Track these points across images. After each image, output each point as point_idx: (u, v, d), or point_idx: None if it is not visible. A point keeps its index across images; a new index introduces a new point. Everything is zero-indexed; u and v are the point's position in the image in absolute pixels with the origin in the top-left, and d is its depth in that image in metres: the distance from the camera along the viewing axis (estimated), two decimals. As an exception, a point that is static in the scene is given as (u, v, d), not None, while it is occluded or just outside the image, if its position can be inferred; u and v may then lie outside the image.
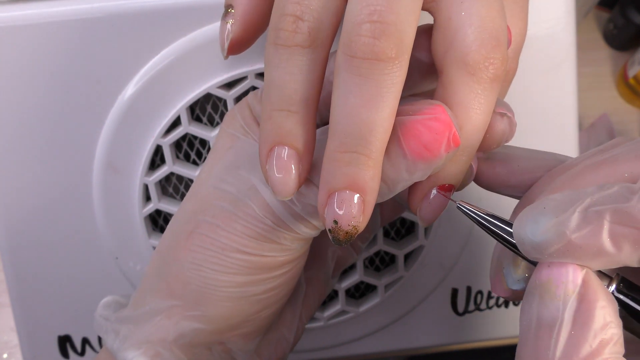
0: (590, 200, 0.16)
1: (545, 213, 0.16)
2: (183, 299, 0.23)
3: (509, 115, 0.20)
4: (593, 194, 0.16)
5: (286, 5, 0.18)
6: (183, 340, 0.24)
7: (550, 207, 0.16)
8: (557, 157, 0.21)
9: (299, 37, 0.18)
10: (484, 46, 0.18)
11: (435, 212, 0.21)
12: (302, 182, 0.19)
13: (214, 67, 0.29)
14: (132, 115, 0.30)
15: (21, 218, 0.32)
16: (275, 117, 0.19)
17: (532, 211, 0.17)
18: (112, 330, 0.25)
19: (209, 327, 0.24)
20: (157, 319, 0.24)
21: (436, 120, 0.18)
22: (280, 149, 0.19)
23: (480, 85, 0.18)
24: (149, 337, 0.24)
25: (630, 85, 0.66)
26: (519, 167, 0.21)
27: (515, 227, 0.17)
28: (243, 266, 0.22)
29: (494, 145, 0.21)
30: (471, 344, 0.37)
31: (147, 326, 0.24)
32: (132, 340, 0.24)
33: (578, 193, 0.16)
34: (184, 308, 0.24)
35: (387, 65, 0.17)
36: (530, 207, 0.17)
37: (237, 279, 0.23)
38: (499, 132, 0.20)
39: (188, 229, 0.23)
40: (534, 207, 0.17)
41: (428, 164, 0.18)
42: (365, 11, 0.17)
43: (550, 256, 0.16)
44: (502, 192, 0.22)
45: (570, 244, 0.16)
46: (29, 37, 0.29)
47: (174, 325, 0.24)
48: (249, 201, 0.22)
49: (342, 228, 0.18)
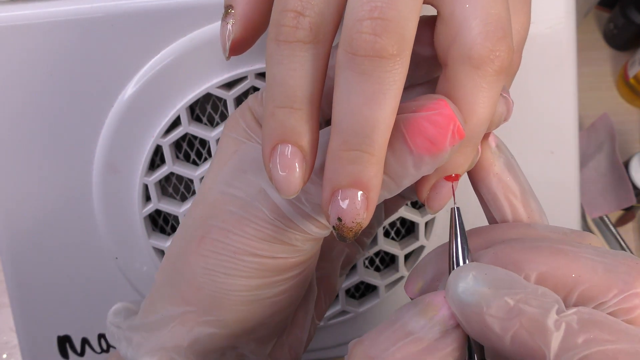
0: (522, 296, 0.17)
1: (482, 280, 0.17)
2: (196, 304, 0.23)
3: (504, 95, 0.20)
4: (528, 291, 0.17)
5: (287, 0, 0.18)
6: (197, 346, 0.24)
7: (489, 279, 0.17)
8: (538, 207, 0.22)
9: (301, 33, 0.18)
10: (490, 39, 0.18)
11: (443, 201, 0.21)
12: (306, 180, 0.19)
13: (213, 67, 0.29)
14: (132, 115, 0.30)
15: (21, 218, 0.32)
16: (278, 115, 0.18)
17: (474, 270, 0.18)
18: (125, 338, 0.25)
19: (223, 332, 0.24)
20: (171, 325, 0.24)
21: (440, 115, 0.18)
22: (284, 147, 0.18)
23: (485, 79, 0.18)
24: (163, 344, 0.24)
25: (631, 85, 0.66)
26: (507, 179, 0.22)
27: (454, 272, 0.18)
28: (256, 269, 0.22)
29: (493, 126, 0.21)
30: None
31: (161, 333, 0.24)
32: (146, 348, 0.24)
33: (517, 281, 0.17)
34: (198, 314, 0.23)
35: (388, 62, 0.17)
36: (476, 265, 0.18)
37: (250, 283, 0.22)
38: (497, 114, 0.20)
39: (198, 234, 0.23)
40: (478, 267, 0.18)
41: (434, 158, 0.18)
42: (366, 7, 0.17)
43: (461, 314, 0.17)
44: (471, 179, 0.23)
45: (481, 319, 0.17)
46: (29, 37, 0.29)
47: (188, 331, 0.24)
48: (259, 204, 0.21)
49: (346, 225, 0.18)
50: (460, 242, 0.19)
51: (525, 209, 0.22)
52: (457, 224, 0.20)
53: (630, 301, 0.17)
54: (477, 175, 0.22)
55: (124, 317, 0.26)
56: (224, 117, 0.31)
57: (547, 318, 0.16)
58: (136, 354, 0.24)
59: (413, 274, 0.22)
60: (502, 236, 0.21)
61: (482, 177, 0.22)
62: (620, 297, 0.17)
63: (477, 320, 0.17)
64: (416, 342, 0.18)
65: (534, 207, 0.22)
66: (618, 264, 0.18)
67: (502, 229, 0.21)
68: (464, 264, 0.19)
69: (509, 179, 0.22)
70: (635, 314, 0.17)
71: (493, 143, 0.22)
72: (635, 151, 0.65)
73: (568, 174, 0.34)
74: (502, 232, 0.21)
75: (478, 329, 0.17)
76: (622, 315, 0.17)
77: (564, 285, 0.18)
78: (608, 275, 0.17)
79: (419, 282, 0.21)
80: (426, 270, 0.21)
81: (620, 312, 0.17)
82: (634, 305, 0.17)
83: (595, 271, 0.17)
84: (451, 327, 0.18)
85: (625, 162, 0.63)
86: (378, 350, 0.18)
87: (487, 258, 0.19)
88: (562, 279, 0.18)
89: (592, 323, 0.16)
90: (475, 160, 0.22)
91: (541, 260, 0.18)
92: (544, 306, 0.16)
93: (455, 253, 0.19)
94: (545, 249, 0.18)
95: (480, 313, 0.17)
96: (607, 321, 0.16)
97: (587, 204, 0.65)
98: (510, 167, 0.22)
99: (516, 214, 0.22)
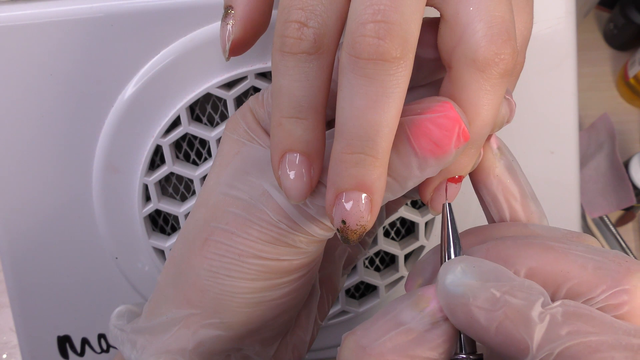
0: (508, 288, 0.17)
1: (470, 272, 0.18)
2: (200, 307, 0.23)
3: (507, 97, 0.21)
4: (514, 284, 0.17)
5: (291, 11, 0.18)
6: (202, 348, 0.24)
7: (477, 271, 0.18)
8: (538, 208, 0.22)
9: (305, 45, 0.18)
10: (494, 42, 0.18)
11: None
12: (314, 186, 0.20)
13: (213, 67, 0.29)
14: (131, 115, 0.30)
15: (21, 218, 0.32)
16: (285, 124, 0.19)
17: (463, 262, 0.18)
18: (129, 341, 0.25)
19: (228, 334, 0.24)
20: (175, 328, 0.24)
21: (445, 118, 0.18)
22: (292, 156, 0.19)
23: (489, 81, 0.18)
24: (168, 347, 0.24)
25: (631, 85, 0.66)
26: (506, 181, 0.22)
27: (444, 265, 0.18)
28: (260, 271, 0.22)
29: (496, 129, 0.21)
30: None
31: (166, 336, 0.24)
32: (150, 351, 0.24)
33: (505, 275, 0.17)
34: (202, 316, 0.23)
35: (392, 65, 0.17)
36: (465, 258, 0.18)
37: (254, 285, 0.22)
38: (500, 116, 0.21)
39: (202, 237, 0.23)
40: (467, 260, 0.18)
41: (439, 160, 0.19)
42: (369, 11, 0.17)
43: (448, 307, 0.18)
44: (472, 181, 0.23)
45: (468, 310, 0.17)
46: (29, 37, 0.29)
47: (193, 334, 0.24)
48: (263, 206, 0.21)
49: (350, 227, 0.18)
50: (452, 237, 0.20)
51: (524, 211, 0.22)
52: (448, 220, 0.20)
53: (618, 297, 0.17)
54: (478, 177, 0.22)
55: (127, 319, 0.26)
56: (224, 117, 0.31)
57: (532, 310, 0.16)
58: (141, 357, 0.24)
59: (412, 272, 0.22)
60: (497, 234, 0.21)
61: (483, 178, 0.22)
62: (608, 292, 0.17)
63: (463, 312, 0.17)
64: (407, 333, 0.18)
65: (534, 209, 0.22)
66: (608, 261, 0.18)
67: (498, 228, 0.21)
68: (454, 257, 0.19)
69: (509, 181, 0.22)
70: (624, 310, 0.17)
71: (495, 145, 0.22)
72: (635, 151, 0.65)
73: (568, 174, 0.34)
74: (497, 231, 0.21)
75: (464, 320, 0.17)
76: (610, 311, 0.17)
77: (553, 280, 0.18)
78: (597, 272, 0.17)
79: (418, 279, 0.21)
80: (425, 268, 0.21)
81: (608, 307, 0.17)
82: (623, 301, 0.17)
83: (585, 268, 0.18)
84: (441, 319, 0.18)
85: (625, 162, 0.63)
86: (369, 340, 0.18)
87: (479, 253, 0.19)
88: (552, 274, 0.18)
89: (576, 316, 0.16)
90: (478, 161, 0.22)
91: (531, 256, 0.18)
92: (529, 298, 0.17)
93: (447, 248, 0.20)
94: (536, 245, 0.18)
95: (467, 304, 0.17)
96: (592, 314, 0.16)
97: (587, 204, 0.65)
98: (510, 169, 0.22)
99: (515, 215, 0.22)
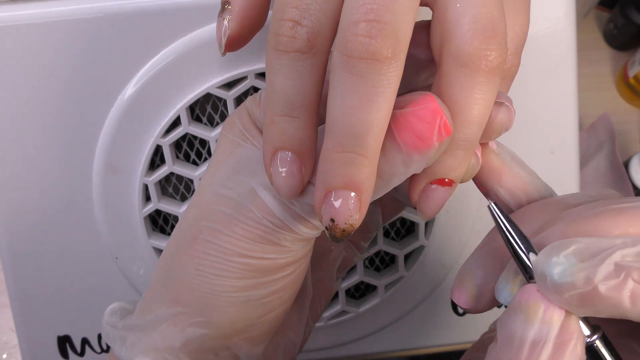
0: (620, 253, 0.16)
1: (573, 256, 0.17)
2: (188, 305, 0.23)
3: (506, 104, 0.20)
4: (622, 247, 0.16)
5: (285, 9, 0.18)
6: (190, 346, 0.24)
7: (579, 251, 0.17)
8: (549, 189, 0.22)
9: (299, 43, 0.18)
10: (477, 38, 0.18)
11: (434, 207, 0.21)
12: (305, 184, 0.20)
13: (213, 67, 0.29)
14: (131, 115, 0.30)
15: (21, 218, 0.32)
16: (278, 122, 0.19)
17: (558, 249, 0.17)
18: (119, 338, 0.25)
19: (214, 333, 0.24)
20: (164, 326, 0.24)
21: (426, 110, 0.18)
22: (284, 153, 0.19)
23: (473, 78, 0.18)
24: (156, 344, 0.24)
25: (631, 85, 0.66)
26: (518, 173, 0.22)
27: (540, 260, 0.18)
28: (245, 270, 0.22)
29: (494, 135, 0.21)
30: (471, 344, 0.37)
31: (154, 334, 0.24)
32: (139, 348, 0.24)
33: (606, 242, 0.17)
34: (190, 315, 0.23)
35: (383, 65, 0.17)
36: (558, 245, 0.17)
37: (239, 284, 0.22)
38: (497, 122, 0.20)
39: (191, 235, 0.23)
40: (561, 246, 0.17)
41: (422, 154, 0.18)
42: (362, 10, 0.17)
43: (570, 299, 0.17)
44: (485, 186, 0.22)
45: (593, 292, 0.16)
46: (29, 37, 0.29)
47: (181, 332, 0.24)
48: (249, 204, 0.22)
49: (338, 226, 0.18)
50: (515, 233, 0.19)
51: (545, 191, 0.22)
52: (501, 218, 0.19)
53: None
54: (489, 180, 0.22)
55: (120, 316, 0.27)
56: (223, 117, 0.31)
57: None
58: (130, 354, 0.24)
59: (459, 281, 0.21)
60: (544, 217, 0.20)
61: (497, 179, 0.22)
62: None
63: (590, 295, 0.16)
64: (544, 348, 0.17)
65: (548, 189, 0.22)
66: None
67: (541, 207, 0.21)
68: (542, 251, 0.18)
69: (521, 172, 0.22)
70: None
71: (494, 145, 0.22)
72: (635, 151, 0.65)
73: (568, 174, 0.34)
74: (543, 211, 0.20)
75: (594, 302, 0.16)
76: None
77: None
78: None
79: (471, 288, 0.21)
80: (475, 274, 0.21)
81: None
82: None
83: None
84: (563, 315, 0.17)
85: (625, 162, 0.63)
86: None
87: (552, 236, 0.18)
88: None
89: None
90: (475, 170, 0.22)
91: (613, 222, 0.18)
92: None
93: (517, 245, 0.19)
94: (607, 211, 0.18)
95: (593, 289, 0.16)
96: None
97: (587, 204, 0.64)
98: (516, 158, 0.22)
99: None
